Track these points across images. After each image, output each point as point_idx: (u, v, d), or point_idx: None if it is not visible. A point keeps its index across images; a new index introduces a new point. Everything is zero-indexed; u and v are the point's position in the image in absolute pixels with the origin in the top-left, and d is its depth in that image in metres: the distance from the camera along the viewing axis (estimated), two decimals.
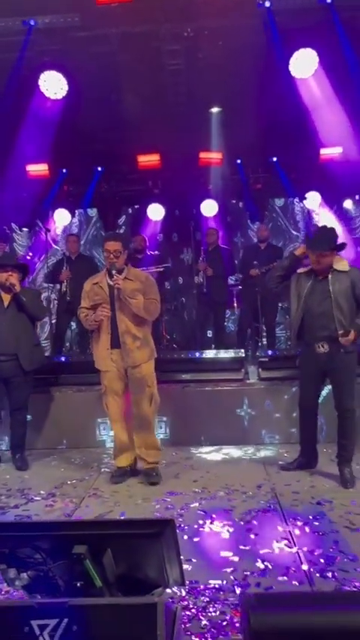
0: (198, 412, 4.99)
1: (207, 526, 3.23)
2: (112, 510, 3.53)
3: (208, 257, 6.91)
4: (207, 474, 4.20)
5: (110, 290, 3.94)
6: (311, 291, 3.87)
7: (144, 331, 4.01)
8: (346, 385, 3.88)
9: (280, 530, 3.14)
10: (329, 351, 3.82)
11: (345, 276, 3.81)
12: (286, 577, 2.59)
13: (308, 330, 3.89)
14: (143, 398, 3.99)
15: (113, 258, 3.92)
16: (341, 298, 3.77)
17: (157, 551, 1.98)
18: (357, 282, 3.80)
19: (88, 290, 4.06)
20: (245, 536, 3.08)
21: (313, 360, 3.92)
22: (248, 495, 3.71)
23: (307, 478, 4.02)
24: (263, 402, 5.01)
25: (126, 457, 4.11)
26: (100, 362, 4.03)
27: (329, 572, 2.62)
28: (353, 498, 3.57)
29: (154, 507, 3.56)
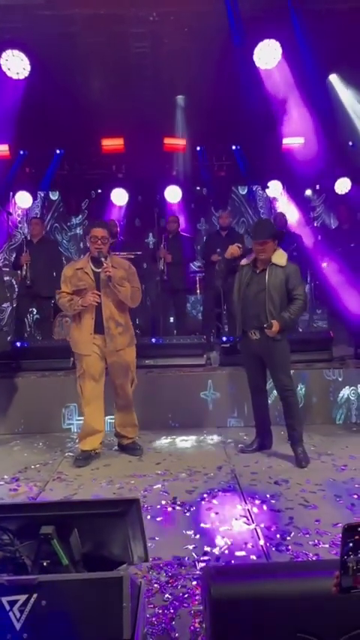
0: (161, 397, 5.09)
1: (169, 506, 3.33)
2: (77, 493, 3.59)
3: (168, 244, 6.98)
4: (169, 456, 4.31)
5: (95, 276, 4.03)
6: (249, 282, 4.08)
7: (125, 317, 4.15)
8: (280, 366, 4.09)
9: (239, 509, 3.27)
10: (260, 338, 4.04)
11: (281, 270, 4.01)
12: (244, 552, 2.73)
13: (244, 318, 4.10)
14: (127, 382, 4.21)
15: (100, 244, 3.99)
16: (274, 291, 3.98)
17: (122, 530, 2.07)
18: (290, 277, 4.01)
19: (69, 275, 4.07)
20: (206, 515, 3.20)
21: (248, 346, 4.16)
22: (209, 477, 3.83)
23: (264, 459, 4.18)
24: (224, 387, 5.15)
25: (91, 441, 4.18)
26: (81, 346, 4.08)
27: (284, 546, 2.78)
28: (308, 477, 3.75)
29: (118, 489, 3.64)
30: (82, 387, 4.15)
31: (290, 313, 3.97)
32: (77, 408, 4.98)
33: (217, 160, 8.97)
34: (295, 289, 4.00)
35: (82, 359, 4.10)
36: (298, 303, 3.99)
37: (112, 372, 4.19)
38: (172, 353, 5.49)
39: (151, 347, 5.51)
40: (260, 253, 4.02)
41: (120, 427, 4.37)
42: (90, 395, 4.14)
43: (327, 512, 3.16)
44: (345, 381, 5.11)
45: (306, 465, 3.97)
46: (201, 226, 9.37)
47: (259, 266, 4.09)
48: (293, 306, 3.98)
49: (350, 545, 1.20)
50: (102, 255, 3.99)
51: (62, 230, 9.36)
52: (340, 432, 4.81)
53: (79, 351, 4.11)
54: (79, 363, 4.14)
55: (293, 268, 4.05)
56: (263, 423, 4.35)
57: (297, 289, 4.00)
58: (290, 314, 3.97)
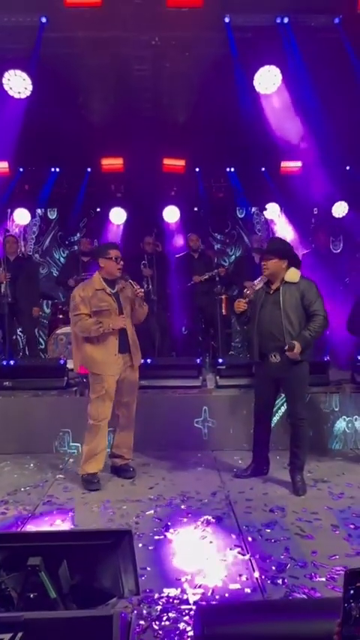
0: (155, 418, 5.01)
1: (162, 534, 3.25)
2: (67, 518, 3.51)
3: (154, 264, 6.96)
4: (163, 480, 4.23)
5: (115, 297, 4.13)
6: (264, 303, 4.01)
7: (136, 335, 4.27)
8: (298, 394, 3.99)
9: (234, 538, 3.19)
10: (280, 360, 3.93)
11: (295, 287, 3.92)
12: (238, 585, 2.65)
13: (261, 341, 4.01)
14: (134, 400, 4.28)
15: (121, 265, 4.13)
16: (290, 310, 3.89)
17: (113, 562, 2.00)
18: (306, 293, 3.90)
19: (89, 296, 4.07)
20: (200, 544, 3.12)
21: (266, 370, 4.04)
22: (203, 503, 3.75)
23: (260, 485, 4.10)
24: (220, 410, 5.08)
25: (97, 462, 4.12)
26: (106, 367, 4.07)
27: (280, 578, 2.70)
28: (304, 506, 3.68)
29: (110, 515, 3.56)
30: (100, 409, 4.08)
31: (311, 331, 3.84)
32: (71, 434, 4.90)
33: (216, 182, 9.01)
34: (312, 305, 3.87)
35: (105, 380, 4.06)
36: (319, 320, 3.86)
37: (122, 389, 4.18)
38: (167, 374, 5.42)
39: (146, 367, 5.44)
40: (263, 268, 3.97)
41: (117, 448, 4.32)
42: (107, 416, 4.12)
43: (323, 542, 3.09)
44: (341, 407, 5.05)
45: (303, 494, 3.90)
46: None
47: (272, 286, 4.01)
48: (313, 323, 3.85)
49: (352, 592, 1.14)
50: (128, 277, 4.15)
51: (59, 248, 9.35)
52: (336, 458, 4.74)
53: (105, 372, 4.06)
54: (99, 384, 4.07)
55: (307, 284, 3.95)
56: (262, 450, 4.27)
57: (314, 305, 3.87)
58: (311, 332, 3.84)
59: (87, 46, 6.22)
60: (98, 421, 4.09)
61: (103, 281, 4.14)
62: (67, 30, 5.97)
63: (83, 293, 4.10)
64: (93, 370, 4.12)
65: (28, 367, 5.52)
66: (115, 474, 4.33)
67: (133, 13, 5.76)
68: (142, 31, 6.10)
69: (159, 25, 6.00)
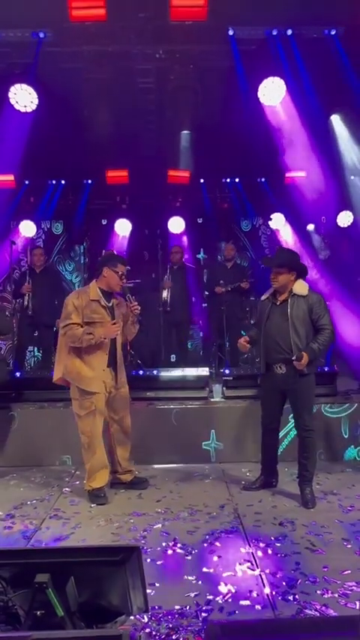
0: (161, 430, 4.97)
1: (170, 548, 3.20)
2: (74, 532, 3.47)
3: (172, 275, 6.96)
4: (170, 493, 4.18)
5: (110, 310, 4.04)
6: (271, 314, 4.00)
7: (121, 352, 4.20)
8: (305, 405, 3.96)
9: (243, 552, 3.14)
10: (286, 372, 3.91)
11: (303, 300, 3.92)
12: (248, 601, 2.60)
13: (267, 352, 3.99)
14: (127, 413, 4.20)
15: (125, 280, 4.09)
16: (298, 322, 3.88)
17: (122, 579, 1.96)
18: (314, 307, 3.90)
19: (82, 305, 3.94)
20: (208, 559, 3.07)
21: (272, 381, 4.02)
22: (211, 516, 3.70)
23: (268, 498, 4.05)
24: (227, 421, 5.03)
25: (102, 476, 4.07)
26: (94, 383, 3.96)
27: (291, 595, 2.64)
28: (314, 519, 3.62)
29: (117, 529, 3.51)
30: (92, 425, 3.98)
31: (319, 344, 3.84)
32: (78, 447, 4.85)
33: (220, 193, 9.04)
34: (320, 319, 3.88)
35: (94, 396, 3.96)
36: (326, 334, 3.87)
37: (114, 406, 4.10)
38: (174, 385, 5.38)
39: (153, 379, 5.42)
40: (273, 281, 3.96)
41: (123, 462, 4.24)
42: (100, 432, 4.04)
43: (335, 557, 3.03)
44: (350, 417, 4.99)
45: (312, 506, 3.84)
46: (201, 257, 9.39)
47: (278, 297, 4.01)
48: (321, 336, 3.86)
49: None
50: (127, 291, 4.10)
51: (65, 260, 9.38)
52: (346, 470, 4.68)
53: (92, 389, 3.94)
54: (88, 400, 3.95)
55: (316, 297, 3.95)
56: (270, 462, 4.23)
57: (322, 319, 3.88)
58: (319, 344, 3.84)
59: (92, 59, 6.29)
60: (94, 437, 4.00)
61: (100, 292, 4.03)
62: (72, 44, 6.04)
63: (77, 302, 3.95)
64: (78, 385, 3.97)
65: (33, 379, 5.50)
66: (128, 488, 4.25)
67: (138, 27, 5.82)
68: (147, 45, 6.16)
69: (163, 39, 6.07)
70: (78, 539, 3.36)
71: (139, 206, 8.78)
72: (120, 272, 4.03)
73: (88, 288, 4.09)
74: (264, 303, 4.11)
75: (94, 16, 5.47)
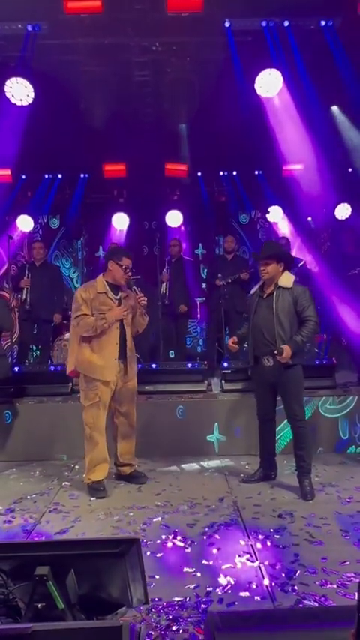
0: (160, 424, 4.99)
1: (170, 541, 3.22)
2: (73, 526, 3.48)
3: (170, 268, 6.95)
4: (169, 487, 4.20)
5: (118, 303, 4.10)
6: (258, 307, 4.05)
7: (133, 345, 4.24)
8: (293, 396, 3.99)
9: (242, 544, 3.16)
10: (274, 364, 3.94)
11: (288, 292, 3.96)
12: (248, 592, 2.62)
13: (255, 345, 4.04)
14: (133, 407, 4.24)
15: (130, 274, 4.14)
16: (283, 314, 3.92)
17: (121, 571, 1.97)
18: (299, 299, 3.94)
19: (90, 297, 4.04)
20: (208, 551, 3.09)
21: (261, 373, 4.07)
22: (211, 509, 3.72)
23: (267, 490, 4.07)
24: (226, 414, 5.05)
25: (102, 470, 4.09)
26: (105, 372, 4.02)
27: (290, 586, 2.66)
28: (313, 511, 3.64)
29: (116, 522, 3.53)
30: (96, 416, 4.04)
31: (302, 336, 3.89)
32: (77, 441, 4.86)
33: (218, 186, 9.02)
34: (304, 310, 3.92)
35: (99, 386, 4.01)
36: (310, 325, 3.91)
37: (120, 398, 4.15)
38: (173, 379, 5.40)
39: (151, 373, 5.43)
40: (262, 273, 4.01)
41: (122, 456, 4.29)
42: (103, 424, 4.08)
43: (334, 549, 3.05)
44: (349, 416, 5.00)
45: (311, 498, 3.86)
46: (199, 251, 9.38)
47: (265, 290, 4.06)
48: (305, 328, 3.91)
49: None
50: (131, 284, 4.13)
51: (63, 256, 9.35)
52: (344, 462, 4.70)
53: (103, 378, 4.00)
54: (93, 392, 4.02)
55: (301, 289, 4.00)
56: (269, 454, 4.25)
57: (307, 310, 3.93)
58: (302, 337, 3.89)
59: (88, 52, 6.25)
60: (95, 429, 4.04)
61: (107, 285, 4.11)
62: (68, 37, 6.00)
63: (85, 294, 4.06)
64: (89, 374, 4.04)
65: (32, 374, 5.50)
66: (126, 482, 4.30)
67: (134, 19, 5.78)
68: (143, 37, 6.12)
69: (159, 31, 6.02)
70: (78, 532, 3.37)
71: (137, 200, 8.76)
72: (124, 265, 4.09)
73: (95, 281, 4.17)
74: (253, 297, 4.16)
75: (89, 8, 5.44)
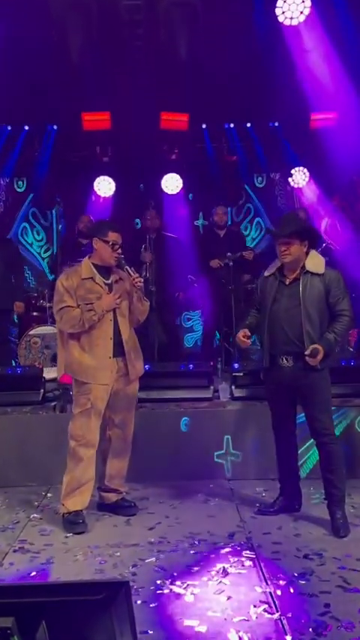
0: (155, 440, 5.00)
1: (167, 587, 3.22)
2: (45, 569, 3.48)
3: (152, 246, 6.91)
4: (166, 519, 4.21)
5: (109, 288, 4.15)
6: (278, 296, 4.01)
7: (135, 339, 4.30)
8: (320, 405, 3.98)
9: (259, 592, 3.15)
10: (294, 366, 3.93)
11: (319, 279, 3.93)
12: None
13: (273, 342, 4.01)
14: (130, 418, 4.30)
15: (120, 251, 4.16)
16: (312, 307, 3.89)
17: (106, 623, 1.96)
18: (332, 288, 3.92)
19: (73, 286, 4.10)
20: (215, 600, 3.08)
21: (278, 376, 4.04)
22: (218, 547, 3.72)
23: (290, 524, 4.08)
24: (236, 428, 5.06)
25: (84, 497, 4.10)
26: (99, 373, 4.07)
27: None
28: (347, 550, 3.64)
29: (99, 565, 3.53)
30: (85, 427, 4.07)
31: (336, 333, 3.88)
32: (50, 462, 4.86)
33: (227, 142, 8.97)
34: (338, 303, 3.92)
35: (93, 390, 4.07)
36: (344, 320, 3.91)
37: (116, 405, 4.20)
38: (171, 384, 5.40)
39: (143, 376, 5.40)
40: (283, 256, 3.95)
41: (110, 480, 4.31)
42: (95, 437, 4.11)
43: None
44: None
45: (345, 534, 3.85)
46: (199, 222, 9.39)
47: (287, 275, 4.02)
48: (338, 324, 3.89)
49: None
50: (123, 264, 4.15)
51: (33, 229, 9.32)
52: None
53: (96, 381, 4.07)
54: (84, 396, 4.08)
55: (334, 276, 3.97)
56: (290, 477, 4.24)
57: (342, 303, 3.92)
58: (336, 334, 3.88)
59: None
60: (82, 443, 4.07)
61: (94, 268, 4.16)
62: None
63: (67, 282, 4.12)
64: (79, 377, 4.11)
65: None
66: (111, 513, 4.30)
67: None
68: None
69: None
70: (50, 578, 3.36)
71: (125, 159, 8.74)
72: (111, 241, 4.11)
73: (80, 266, 4.25)
74: (268, 282, 4.11)
75: None
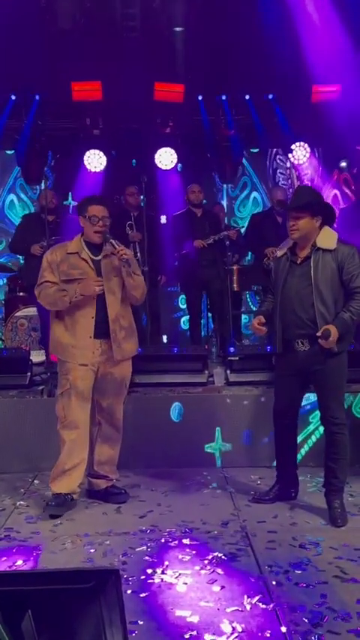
0: (147, 425, 5.03)
1: (157, 577, 3.23)
2: (30, 559, 3.48)
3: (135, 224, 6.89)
4: (157, 507, 4.23)
5: (95, 265, 4.14)
6: (289, 277, 3.98)
7: (130, 319, 4.28)
8: (333, 392, 3.98)
9: (253, 582, 3.17)
10: (310, 349, 3.91)
11: (331, 256, 3.88)
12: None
13: (285, 326, 3.99)
14: (119, 402, 4.29)
15: (102, 226, 4.12)
16: (324, 285, 3.86)
17: (95, 612, 1.97)
18: (345, 265, 3.86)
19: (57, 260, 4.13)
20: (208, 590, 3.09)
21: (291, 361, 4.02)
22: (211, 536, 3.74)
23: (286, 513, 4.10)
24: (231, 414, 5.07)
25: (69, 481, 4.11)
26: (78, 353, 4.08)
27: (315, 635, 2.67)
28: (345, 540, 3.66)
29: (88, 553, 3.54)
30: (67, 408, 4.09)
31: (352, 313, 3.83)
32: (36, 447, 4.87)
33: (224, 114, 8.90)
34: (353, 280, 3.85)
35: (72, 370, 4.08)
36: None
37: (102, 388, 4.19)
38: (163, 368, 5.42)
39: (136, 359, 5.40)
40: (292, 231, 3.91)
41: (99, 465, 4.32)
42: (76, 418, 4.10)
43: None
44: None
45: (343, 524, 3.88)
46: None
47: (299, 254, 3.98)
48: (354, 302, 3.84)
49: None
50: (108, 237, 4.11)
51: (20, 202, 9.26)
52: None
53: (73, 360, 4.09)
54: (64, 376, 4.12)
55: (347, 251, 3.89)
56: (288, 466, 4.26)
57: (356, 279, 3.85)
58: (352, 313, 3.83)
59: None
60: (64, 425, 4.10)
61: (85, 244, 4.18)
62: None
63: (51, 256, 4.17)
64: (59, 355, 4.19)
65: None
66: (101, 500, 4.33)
67: None
68: None
69: None
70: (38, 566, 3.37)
71: (117, 132, 8.66)
72: (90, 215, 4.11)
73: (71, 241, 4.27)
74: (280, 263, 4.08)
75: None
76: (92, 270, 4.12)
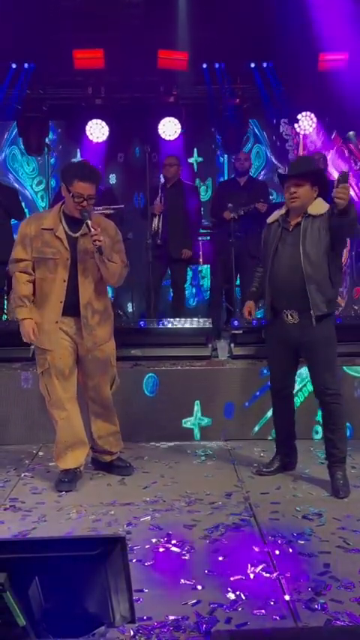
0: (151, 397, 5.05)
1: (162, 546, 3.27)
2: (36, 528, 3.53)
3: (165, 196, 6.82)
4: (162, 478, 4.26)
5: (71, 243, 3.93)
6: (279, 245, 3.96)
7: (105, 301, 4.13)
8: (325, 361, 3.98)
9: (257, 551, 3.21)
10: (299, 321, 3.92)
11: (320, 221, 3.84)
12: (263, 610, 2.67)
13: (275, 295, 3.99)
14: (104, 381, 4.17)
15: (86, 204, 3.88)
16: (312, 247, 3.82)
17: (101, 579, 2.01)
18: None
19: (31, 234, 3.96)
20: (212, 559, 3.14)
21: (280, 332, 4.03)
22: (215, 506, 3.78)
23: (289, 484, 4.14)
24: (235, 387, 5.10)
25: (74, 456, 4.12)
26: (44, 338, 3.99)
27: (317, 603, 2.72)
28: (348, 510, 3.70)
29: (93, 523, 3.58)
30: (50, 386, 4.06)
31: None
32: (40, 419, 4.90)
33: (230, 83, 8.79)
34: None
35: (47, 352, 4.03)
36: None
37: (85, 368, 4.13)
38: (167, 341, 5.42)
39: (139, 333, 5.42)
40: (292, 199, 3.87)
41: (99, 440, 4.29)
42: (62, 396, 4.06)
43: None
44: None
45: (345, 495, 3.91)
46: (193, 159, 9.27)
47: (291, 220, 3.95)
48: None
49: None
50: (87, 216, 3.84)
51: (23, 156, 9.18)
52: None
53: (40, 344, 4.03)
54: (42, 356, 4.06)
55: None
56: (287, 436, 4.29)
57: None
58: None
59: None
60: (51, 404, 4.09)
61: (64, 217, 3.97)
62: None
63: (26, 229, 3.99)
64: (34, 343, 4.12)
65: None
66: (106, 471, 4.36)
67: None
68: None
69: None
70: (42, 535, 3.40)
71: (119, 101, 8.58)
72: (74, 192, 3.85)
73: (49, 211, 4.09)
74: (271, 230, 4.06)
75: None
76: (67, 250, 3.91)
